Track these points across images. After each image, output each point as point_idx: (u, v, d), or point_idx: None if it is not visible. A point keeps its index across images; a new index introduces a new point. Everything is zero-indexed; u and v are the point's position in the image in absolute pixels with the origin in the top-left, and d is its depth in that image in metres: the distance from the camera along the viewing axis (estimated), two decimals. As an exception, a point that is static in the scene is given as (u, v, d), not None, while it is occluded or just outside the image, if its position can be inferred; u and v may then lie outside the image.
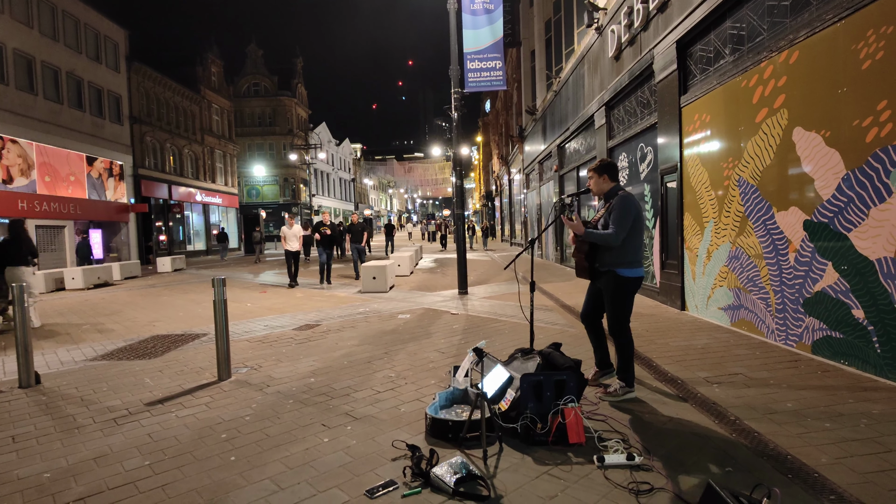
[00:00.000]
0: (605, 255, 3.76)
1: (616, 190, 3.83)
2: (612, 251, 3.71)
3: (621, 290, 3.72)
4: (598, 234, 3.67)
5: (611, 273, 3.73)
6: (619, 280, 3.70)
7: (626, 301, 3.75)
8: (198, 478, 2.79)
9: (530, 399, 3.16)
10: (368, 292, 10.31)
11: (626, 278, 3.70)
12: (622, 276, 3.69)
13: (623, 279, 3.70)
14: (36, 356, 5.57)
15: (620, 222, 3.61)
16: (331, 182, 54.90)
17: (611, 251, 3.72)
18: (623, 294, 3.73)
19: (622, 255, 3.68)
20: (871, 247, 4.02)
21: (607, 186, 3.88)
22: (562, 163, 14.82)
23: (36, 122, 18.24)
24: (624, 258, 3.68)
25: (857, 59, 4.09)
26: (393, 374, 4.60)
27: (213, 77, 33.44)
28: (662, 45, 7.27)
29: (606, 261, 3.74)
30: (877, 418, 3.23)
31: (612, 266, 3.71)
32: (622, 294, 3.73)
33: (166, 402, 4.05)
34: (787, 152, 4.91)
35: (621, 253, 3.68)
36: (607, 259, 3.74)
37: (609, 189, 3.87)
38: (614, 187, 3.86)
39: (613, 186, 3.87)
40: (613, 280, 3.72)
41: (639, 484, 2.54)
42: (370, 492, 2.55)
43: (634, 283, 3.74)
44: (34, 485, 2.79)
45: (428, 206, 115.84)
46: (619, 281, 3.70)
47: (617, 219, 3.62)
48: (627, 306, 3.77)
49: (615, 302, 3.74)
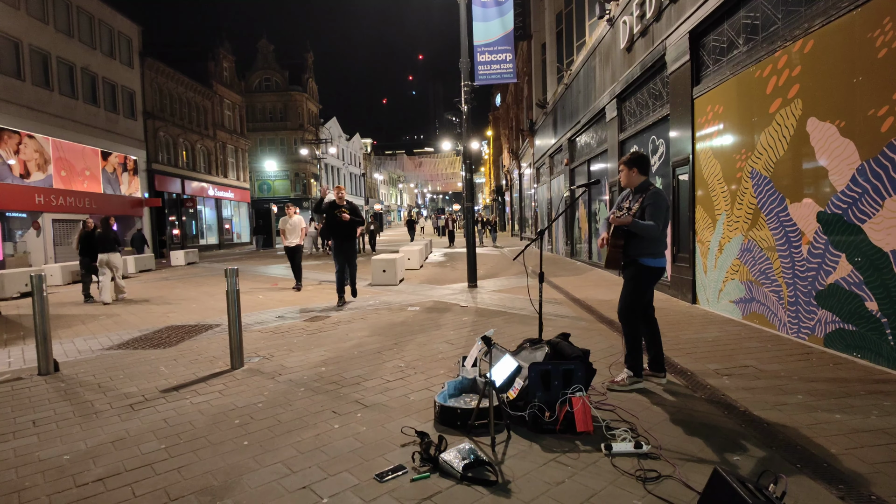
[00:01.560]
0: (631, 247, 3.80)
1: (647, 185, 3.86)
2: (640, 243, 3.76)
3: (642, 277, 3.78)
4: (643, 226, 3.69)
5: (634, 262, 3.80)
6: (642, 268, 3.77)
7: (644, 289, 3.81)
8: (212, 461, 2.85)
9: (538, 388, 3.18)
10: (378, 285, 10.38)
11: (650, 268, 3.77)
12: (645, 265, 3.77)
13: (646, 268, 3.77)
14: (54, 345, 5.70)
15: (658, 215, 3.68)
16: (341, 177, 55.11)
17: (639, 243, 3.77)
18: (642, 282, 3.79)
19: (648, 247, 3.75)
20: (886, 238, 3.97)
21: (638, 180, 3.90)
22: (572, 156, 14.74)
23: (52, 117, 18.53)
24: (648, 248, 3.75)
25: (872, 47, 4.03)
26: (402, 363, 4.65)
27: (225, 72, 33.68)
28: (675, 35, 7.19)
29: (631, 252, 3.80)
30: (888, 410, 3.21)
31: (638, 256, 3.78)
32: (641, 282, 3.79)
33: (181, 390, 4.13)
34: (801, 143, 4.85)
35: (648, 244, 3.75)
36: (633, 251, 3.80)
37: (640, 183, 3.89)
38: (645, 181, 3.89)
39: (644, 180, 3.90)
40: (636, 268, 3.80)
41: (646, 471, 2.56)
42: (379, 476, 2.59)
43: (656, 273, 3.81)
44: (55, 466, 2.87)
45: (438, 200, 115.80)
46: (642, 269, 3.77)
47: (654, 213, 3.69)
48: (643, 295, 3.82)
49: (633, 288, 3.80)
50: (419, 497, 2.41)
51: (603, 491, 2.42)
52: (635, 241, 3.78)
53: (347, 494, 2.45)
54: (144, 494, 2.53)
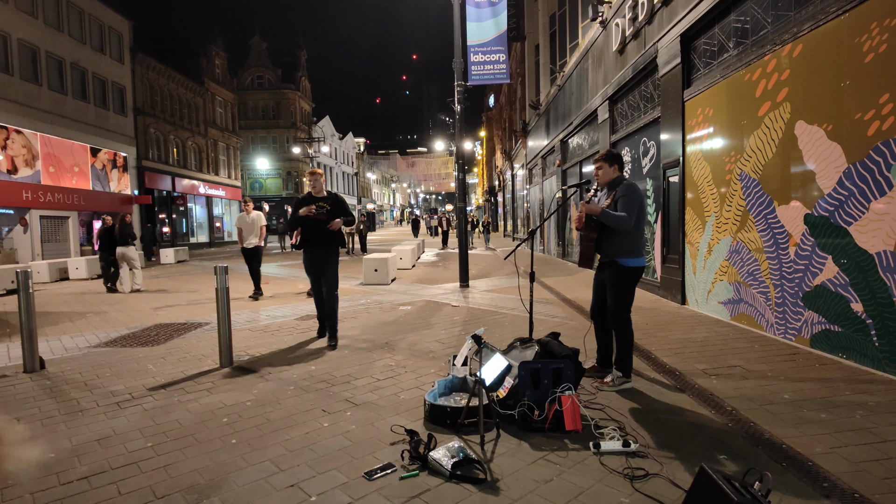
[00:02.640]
0: (608, 245, 3.80)
1: (620, 179, 3.88)
2: (616, 241, 3.75)
3: (623, 279, 3.76)
4: (614, 216, 3.67)
5: (614, 263, 3.77)
6: (622, 270, 3.74)
7: (627, 291, 3.79)
8: (199, 459, 2.83)
9: (528, 386, 3.19)
10: (370, 284, 10.35)
11: (629, 268, 3.75)
12: (624, 265, 3.74)
13: (625, 269, 3.74)
14: (40, 342, 5.62)
15: (630, 207, 3.66)
16: (334, 176, 54.94)
17: (614, 242, 3.76)
18: (625, 284, 3.77)
19: (625, 246, 3.73)
20: (871, 240, 4.02)
21: (615, 175, 3.92)
22: (565, 158, 14.80)
23: (40, 112, 18.29)
24: (626, 248, 3.73)
25: (860, 52, 4.08)
26: (393, 362, 4.64)
27: (217, 69, 33.43)
28: (666, 38, 7.24)
29: (609, 251, 3.78)
30: (872, 409, 3.25)
31: (615, 256, 3.76)
32: (624, 284, 3.77)
33: (168, 388, 4.10)
34: (790, 146, 4.91)
35: (624, 243, 3.73)
36: (610, 249, 3.78)
37: (614, 178, 3.91)
38: (619, 177, 3.91)
39: (619, 176, 3.92)
40: (616, 270, 3.76)
41: (634, 470, 2.57)
42: (368, 474, 2.58)
43: (636, 272, 3.78)
44: (39, 464, 2.83)
45: (431, 200, 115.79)
46: (622, 271, 3.74)
47: (626, 205, 3.67)
48: (629, 296, 3.81)
49: (617, 291, 3.78)
50: (408, 495, 2.40)
51: (591, 489, 2.43)
52: (611, 237, 3.75)
53: (336, 492, 2.44)
54: (130, 493, 2.50)
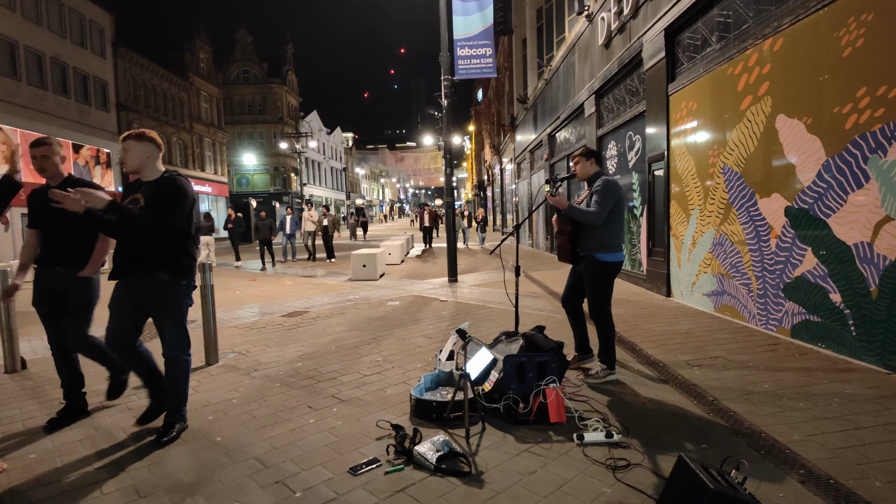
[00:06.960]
0: (585, 239, 3.82)
1: (599, 174, 3.90)
2: (592, 236, 3.77)
3: (601, 273, 3.79)
4: (581, 211, 3.72)
5: (590, 257, 3.79)
6: (599, 264, 3.77)
7: (605, 285, 3.82)
8: (184, 457, 2.82)
9: (513, 380, 3.22)
10: (358, 280, 10.33)
11: (606, 262, 3.77)
12: (601, 260, 3.77)
13: (602, 263, 3.77)
14: (22, 342, 5.53)
15: (602, 202, 3.68)
16: (322, 171, 54.57)
17: (591, 236, 3.78)
18: (602, 278, 3.80)
19: (601, 240, 3.75)
20: (849, 232, 4.10)
21: (592, 170, 3.94)
22: (552, 152, 14.84)
23: (19, 108, 17.93)
24: (603, 242, 3.75)
25: (838, 46, 4.14)
26: (380, 358, 4.65)
27: (202, 63, 32.98)
28: (651, 32, 7.28)
29: (586, 245, 3.81)
30: (849, 397, 3.32)
31: (592, 250, 3.78)
32: (601, 278, 3.80)
33: (153, 386, 4.05)
34: (771, 140, 4.97)
35: (601, 237, 3.75)
36: (587, 244, 3.81)
37: (593, 173, 3.93)
38: (598, 172, 3.93)
39: (597, 171, 3.93)
40: (593, 264, 3.79)
41: (616, 460, 2.61)
42: (353, 469, 2.59)
43: (613, 267, 3.81)
44: (21, 465, 2.80)
45: (420, 195, 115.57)
46: (599, 265, 3.77)
47: (598, 200, 3.69)
48: (607, 289, 3.84)
49: (595, 285, 3.81)
50: (392, 489, 2.42)
51: (574, 480, 2.46)
52: (586, 231, 3.79)
53: (321, 488, 2.45)
54: (113, 492, 2.49)
